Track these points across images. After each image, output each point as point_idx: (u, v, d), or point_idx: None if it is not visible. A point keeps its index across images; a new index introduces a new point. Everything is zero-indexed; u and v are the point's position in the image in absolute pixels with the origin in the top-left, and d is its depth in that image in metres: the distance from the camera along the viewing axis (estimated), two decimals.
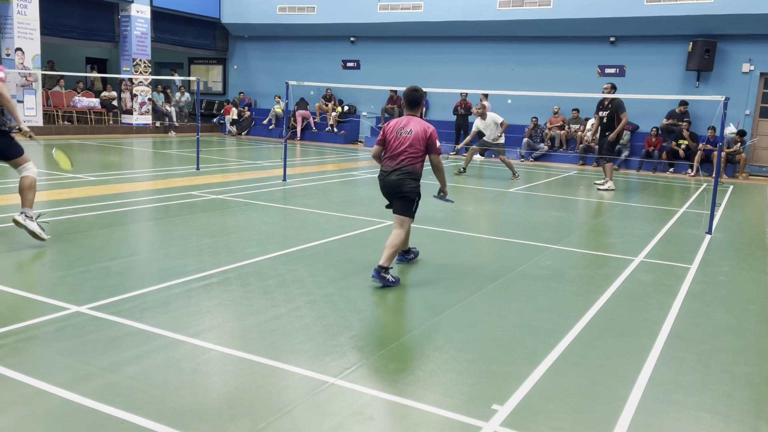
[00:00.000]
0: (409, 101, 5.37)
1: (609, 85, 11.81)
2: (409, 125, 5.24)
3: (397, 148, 5.21)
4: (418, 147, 5.20)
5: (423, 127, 5.24)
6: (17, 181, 5.89)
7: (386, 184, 5.30)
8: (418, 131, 5.21)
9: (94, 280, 4.61)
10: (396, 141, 5.23)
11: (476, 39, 19.16)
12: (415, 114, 5.38)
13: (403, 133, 5.22)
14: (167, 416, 2.73)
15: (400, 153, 5.20)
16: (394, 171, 5.22)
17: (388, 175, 5.25)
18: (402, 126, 5.25)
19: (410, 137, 5.20)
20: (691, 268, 5.91)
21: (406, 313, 4.22)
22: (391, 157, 5.24)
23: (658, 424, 2.92)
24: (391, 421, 2.82)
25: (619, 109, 11.58)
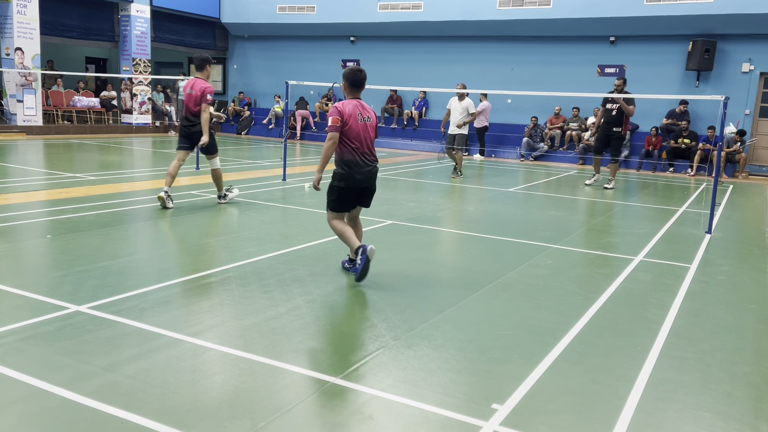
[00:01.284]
0: (355, 82, 5.01)
1: (621, 80, 11.55)
2: (366, 111, 5.02)
3: (366, 137, 4.95)
4: (375, 133, 5.07)
5: (373, 111, 5.14)
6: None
7: (366, 177, 4.98)
8: (373, 117, 5.08)
9: (94, 279, 4.61)
10: (362, 128, 4.93)
11: (476, 39, 19.17)
12: (357, 96, 5.08)
13: (365, 120, 4.97)
14: (167, 415, 2.73)
15: (369, 142, 5.00)
16: (372, 162, 5.02)
17: (366, 168, 4.95)
18: (360, 112, 4.95)
19: (371, 123, 5.02)
20: (690, 267, 5.91)
21: (406, 312, 4.22)
22: (362, 146, 4.94)
23: (658, 423, 2.92)
24: (390, 420, 2.82)
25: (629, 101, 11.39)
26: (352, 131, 4.87)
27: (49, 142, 15.74)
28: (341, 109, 4.87)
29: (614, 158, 11.81)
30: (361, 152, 4.92)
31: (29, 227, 6.41)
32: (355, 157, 4.89)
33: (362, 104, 5.03)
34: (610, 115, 11.58)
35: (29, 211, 7.07)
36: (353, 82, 5.01)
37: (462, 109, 12.20)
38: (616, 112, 11.48)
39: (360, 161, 4.91)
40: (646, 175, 15.46)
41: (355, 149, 4.89)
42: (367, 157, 4.96)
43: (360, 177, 4.93)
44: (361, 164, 4.92)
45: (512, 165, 16.47)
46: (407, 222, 7.49)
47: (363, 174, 4.93)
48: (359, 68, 5.06)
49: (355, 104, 4.96)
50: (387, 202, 8.99)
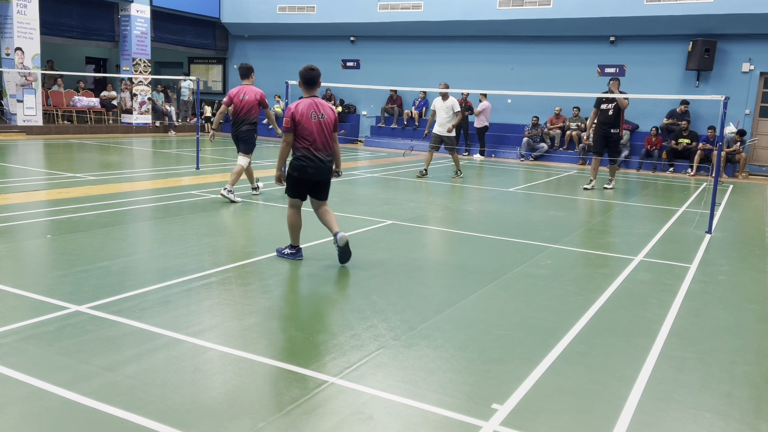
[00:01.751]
0: (307, 80, 5.24)
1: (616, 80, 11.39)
2: (320, 108, 5.23)
3: (320, 134, 5.20)
4: (331, 128, 5.30)
5: (330, 107, 5.34)
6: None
7: (318, 171, 5.25)
8: (329, 113, 5.28)
9: (94, 279, 4.61)
10: (316, 126, 5.18)
11: (476, 38, 19.17)
12: (313, 94, 5.29)
13: (319, 117, 5.19)
14: (167, 415, 2.73)
15: (325, 138, 5.23)
16: (327, 158, 5.27)
17: (318, 162, 5.22)
18: (314, 110, 5.19)
19: (325, 120, 5.23)
20: (690, 267, 5.91)
21: (406, 312, 4.22)
22: (317, 143, 5.19)
23: (658, 423, 2.92)
24: (390, 420, 2.82)
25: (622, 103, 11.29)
26: (305, 129, 5.15)
27: (49, 142, 15.74)
28: (293, 110, 5.14)
29: (613, 159, 11.71)
30: (314, 148, 5.19)
31: (29, 227, 6.41)
32: (308, 152, 5.19)
33: (317, 102, 5.21)
34: (606, 115, 11.39)
35: (29, 211, 7.07)
36: (306, 80, 5.24)
37: (447, 108, 12.01)
38: (612, 112, 11.31)
39: (312, 156, 5.20)
40: (646, 175, 15.46)
41: (308, 145, 5.18)
42: (319, 153, 5.22)
43: (312, 170, 5.24)
44: (313, 159, 5.21)
45: (512, 165, 16.47)
46: (407, 222, 7.49)
47: (315, 168, 5.23)
48: (312, 67, 5.27)
49: (309, 103, 5.18)
50: (387, 202, 8.99)
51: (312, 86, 5.26)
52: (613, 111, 11.30)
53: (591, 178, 11.67)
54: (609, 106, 11.33)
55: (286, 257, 5.49)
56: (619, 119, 11.38)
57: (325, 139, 5.24)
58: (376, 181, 11.68)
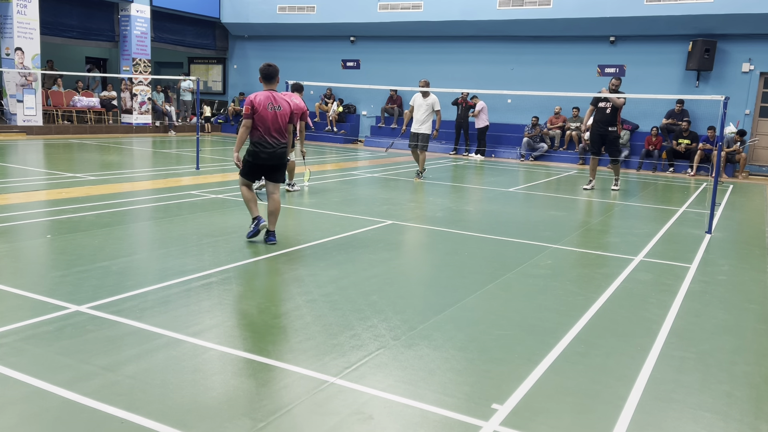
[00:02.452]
0: (267, 75, 5.85)
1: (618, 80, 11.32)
2: (277, 100, 5.81)
3: (274, 123, 5.77)
4: (287, 119, 5.87)
5: (287, 99, 5.93)
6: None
7: (272, 156, 5.83)
8: (285, 105, 5.86)
9: (94, 279, 4.61)
10: (271, 116, 5.76)
11: (476, 38, 19.16)
12: (274, 88, 5.91)
13: (275, 109, 5.78)
14: (167, 415, 2.73)
15: (279, 128, 5.81)
16: (278, 145, 5.85)
17: (273, 149, 5.82)
18: (271, 102, 5.77)
19: (281, 112, 5.81)
20: (690, 267, 5.91)
21: (406, 312, 4.22)
22: (271, 131, 5.78)
23: (658, 423, 2.92)
24: (390, 420, 2.82)
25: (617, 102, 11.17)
26: (261, 118, 5.73)
27: (49, 142, 15.74)
28: (252, 100, 5.74)
29: (614, 159, 11.58)
30: (267, 135, 5.78)
31: (29, 227, 6.41)
32: (262, 139, 5.78)
33: (274, 95, 5.83)
34: (603, 114, 11.25)
35: (29, 211, 7.07)
36: (265, 75, 5.88)
37: (427, 106, 11.76)
38: (609, 111, 11.19)
39: (265, 143, 5.79)
40: (646, 175, 15.46)
41: (263, 133, 5.76)
42: (273, 140, 5.81)
43: (264, 156, 5.83)
44: (266, 145, 5.80)
45: (512, 165, 16.47)
46: (407, 222, 7.49)
47: (267, 154, 5.82)
48: (270, 64, 5.91)
49: (267, 95, 5.80)
50: (387, 202, 8.99)
51: (270, 80, 5.87)
52: (610, 109, 11.18)
53: (590, 178, 11.59)
54: (606, 104, 11.22)
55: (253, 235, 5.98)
56: (616, 118, 11.26)
57: (279, 128, 5.82)
58: (376, 181, 11.68)
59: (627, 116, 17.40)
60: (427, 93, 11.74)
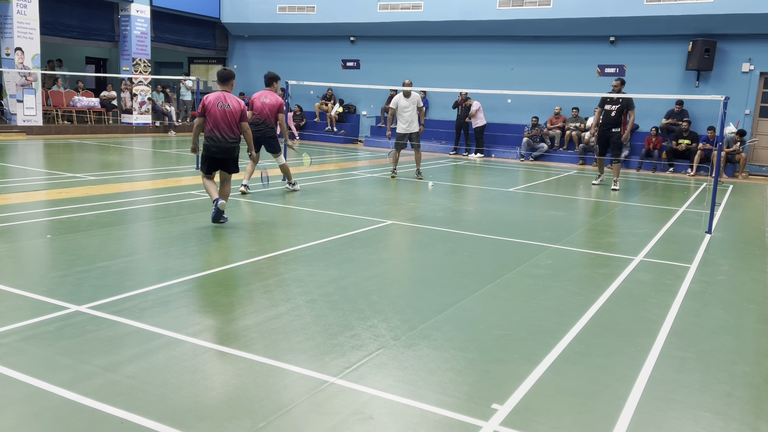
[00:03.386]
0: (222, 78, 6.64)
1: (619, 81, 11.57)
2: (227, 100, 6.53)
3: (223, 120, 6.49)
4: (237, 117, 6.55)
5: (237, 100, 6.62)
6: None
7: (221, 150, 6.55)
8: (234, 104, 6.56)
9: (94, 279, 4.61)
10: (220, 114, 6.48)
11: (476, 38, 19.17)
12: (228, 89, 6.67)
13: (224, 107, 6.50)
14: (167, 415, 2.73)
15: (227, 124, 6.49)
16: (227, 139, 6.54)
17: (222, 143, 6.52)
18: (221, 101, 6.51)
19: (230, 110, 6.51)
20: (690, 267, 5.91)
21: (406, 312, 4.22)
22: (221, 127, 6.49)
23: (658, 423, 2.92)
24: (390, 420, 2.82)
25: (629, 105, 11.44)
26: (211, 115, 6.49)
27: (49, 142, 15.74)
28: (204, 100, 6.56)
29: (615, 158, 11.73)
30: (217, 130, 6.51)
31: (29, 227, 6.41)
32: (212, 134, 6.52)
33: (225, 95, 6.58)
34: (609, 116, 11.49)
35: (29, 211, 7.07)
36: (220, 78, 6.66)
37: (413, 105, 11.66)
38: (615, 113, 11.42)
39: (215, 137, 6.52)
40: (646, 175, 15.46)
41: (213, 128, 6.50)
42: (222, 135, 6.52)
43: (214, 149, 6.57)
44: (215, 139, 6.53)
45: (512, 165, 16.47)
46: (407, 222, 7.49)
47: (217, 147, 6.55)
48: (225, 68, 6.74)
49: (218, 95, 6.57)
50: (387, 202, 8.99)
51: (224, 82, 6.65)
52: (615, 112, 11.40)
53: (599, 173, 12.13)
54: (612, 107, 11.41)
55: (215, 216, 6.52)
56: (621, 120, 11.45)
57: (228, 125, 6.51)
58: (376, 181, 11.68)
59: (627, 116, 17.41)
60: (409, 93, 11.64)
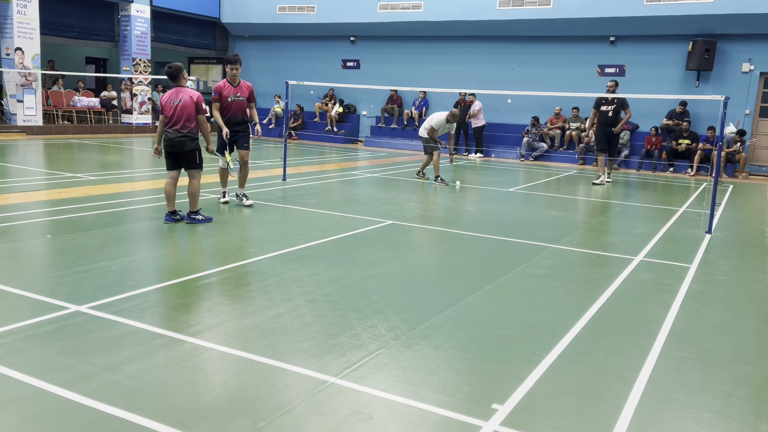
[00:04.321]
0: (169, 74, 6.70)
1: (613, 82, 12.14)
2: (179, 95, 6.62)
3: (173, 116, 6.57)
4: (190, 111, 6.59)
5: (189, 94, 6.65)
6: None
7: (171, 144, 6.64)
8: (186, 99, 6.61)
9: (94, 279, 4.61)
10: (171, 110, 6.57)
11: (476, 38, 19.16)
12: (180, 85, 6.70)
13: (175, 103, 6.59)
14: (167, 415, 2.73)
15: (178, 120, 6.57)
16: (178, 135, 6.60)
17: (173, 138, 6.61)
18: (173, 97, 6.62)
19: (182, 105, 6.57)
20: (690, 267, 5.91)
21: (406, 312, 4.22)
22: (172, 123, 6.58)
23: (658, 423, 2.92)
24: (390, 420, 2.82)
25: (624, 104, 12.07)
26: (166, 112, 6.64)
27: (49, 142, 15.73)
28: (161, 99, 6.73)
29: (611, 156, 12.44)
30: (170, 126, 6.61)
31: (29, 227, 6.41)
32: (167, 131, 6.65)
33: (177, 91, 6.66)
34: (606, 116, 12.15)
35: (29, 211, 7.07)
36: (168, 75, 6.73)
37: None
38: (611, 114, 12.02)
39: (169, 133, 6.63)
40: (646, 175, 15.45)
41: (168, 124, 6.63)
42: (175, 130, 6.60)
43: (167, 144, 6.69)
44: (169, 135, 6.64)
45: (512, 165, 16.47)
46: (407, 222, 7.49)
47: (171, 142, 6.65)
48: (170, 65, 6.74)
49: (171, 92, 6.69)
50: (387, 202, 8.99)
51: (173, 79, 6.69)
52: (612, 112, 12.03)
53: (600, 174, 12.46)
54: (608, 108, 12.04)
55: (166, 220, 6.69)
56: (618, 119, 12.03)
57: (180, 120, 6.56)
58: (376, 181, 11.68)
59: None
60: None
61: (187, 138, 6.65)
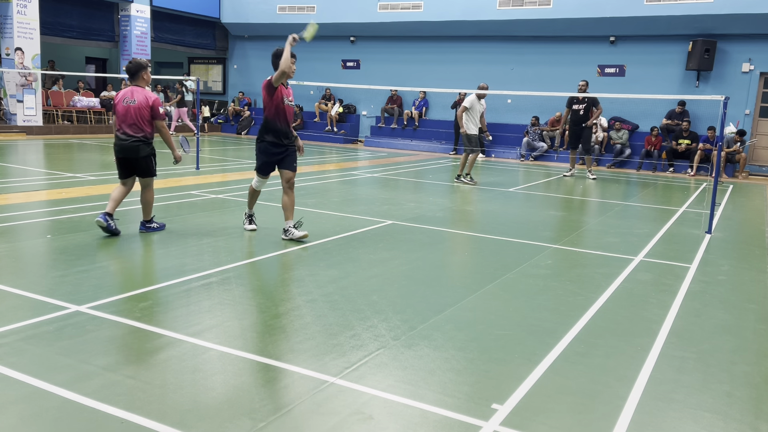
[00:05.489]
0: (129, 71, 6.09)
1: (584, 82, 13.13)
2: (133, 95, 5.97)
3: (127, 117, 5.91)
4: (144, 114, 5.94)
5: (145, 95, 5.99)
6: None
7: (122, 149, 5.97)
8: (141, 100, 5.95)
9: (94, 279, 4.61)
10: (124, 110, 5.92)
11: (476, 38, 19.16)
12: (138, 84, 6.08)
13: (129, 102, 5.94)
14: (167, 415, 2.73)
15: (132, 122, 5.92)
16: (129, 138, 5.93)
17: (123, 142, 5.94)
18: (128, 96, 5.96)
19: (135, 106, 5.92)
20: (690, 267, 5.91)
21: (406, 312, 4.22)
22: (124, 124, 5.92)
23: (658, 423, 2.92)
24: (390, 420, 2.82)
25: (595, 102, 13.05)
26: (118, 112, 5.98)
27: (49, 142, 15.73)
28: (115, 97, 6.10)
29: (586, 152, 13.28)
30: (120, 128, 5.96)
31: (29, 227, 6.41)
32: (117, 133, 5.99)
33: (132, 90, 6.02)
34: (577, 115, 13.10)
35: (29, 211, 7.07)
36: (127, 72, 6.14)
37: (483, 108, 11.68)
38: (582, 112, 13.00)
39: (119, 135, 5.97)
40: (646, 175, 15.45)
41: (118, 127, 5.98)
42: (124, 133, 5.95)
43: (117, 148, 6.02)
44: (120, 137, 5.98)
45: (512, 165, 16.47)
46: (407, 222, 7.49)
47: (119, 146, 5.99)
48: (131, 60, 6.13)
49: (126, 91, 6.05)
50: (387, 202, 8.99)
51: (132, 76, 6.09)
52: (583, 110, 13.01)
53: (570, 167, 13.71)
54: (580, 106, 13.08)
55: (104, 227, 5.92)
56: (588, 116, 12.90)
57: (133, 122, 5.92)
58: (376, 181, 11.68)
59: (627, 116, 17.42)
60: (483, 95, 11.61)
61: (141, 143, 5.97)
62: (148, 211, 6.25)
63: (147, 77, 6.11)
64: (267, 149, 6.08)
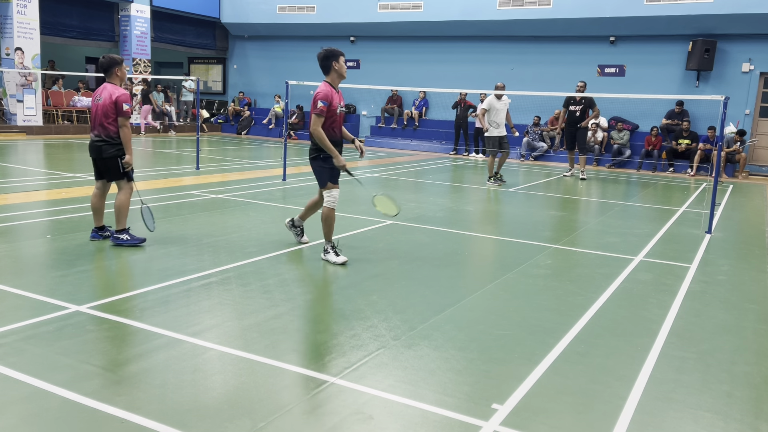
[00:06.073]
0: (101, 67, 5.71)
1: (582, 83, 12.99)
2: (102, 93, 5.61)
3: (97, 115, 5.63)
4: (108, 112, 5.56)
5: (109, 92, 5.58)
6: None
7: (89, 148, 5.74)
8: (106, 98, 5.57)
9: (94, 279, 4.61)
10: (94, 108, 5.65)
11: (476, 38, 19.16)
12: (111, 81, 5.70)
13: (97, 101, 5.64)
14: (167, 415, 2.73)
15: (99, 121, 5.61)
16: (95, 139, 5.66)
17: (91, 142, 5.71)
18: (99, 94, 5.64)
19: (100, 104, 5.60)
20: (690, 267, 5.91)
21: (406, 312, 4.22)
22: (94, 124, 5.67)
23: (658, 423, 2.92)
24: (390, 420, 2.82)
25: (591, 104, 13.01)
26: (92, 111, 5.72)
27: (49, 142, 15.73)
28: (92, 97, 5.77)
29: (582, 152, 13.27)
30: (94, 127, 5.68)
31: (29, 227, 6.41)
32: (91, 131, 5.73)
33: (104, 87, 5.68)
34: (574, 116, 13.09)
35: (29, 211, 7.07)
36: (100, 68, 5.74)
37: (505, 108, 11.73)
38: (579, 113, 12.99)
39: (91, 135, 5.72)
40: (646, 175, 15.45)
41: (92, 125, 5.72)
42: (93, 133, 5.69)
43: (89, 149, 5.77)
44: (91, 137, 5.73)
45: (512, 165, 16.47)
46: (407, 222, 7.49)
47: (90, 147, 5.75)
48: (104, 56, 5.75)
49: (99, 88, 5.73)
50: None
51: (104, 73, 5.71)
52: (579, 111, 12.99)
53: (569, 167, 13.75)
54: (576, 108, 13.04)
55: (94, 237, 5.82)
56: (584, 117, 12.99)
57: (100, 122, 5.60)
58: (376, 181, 11.68)
59: (627, 116, 17.42)
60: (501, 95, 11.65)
61: (104, 143, 5.59)
62: (120, 220, 5.71)
63: (121, 74, 5.72)
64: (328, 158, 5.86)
